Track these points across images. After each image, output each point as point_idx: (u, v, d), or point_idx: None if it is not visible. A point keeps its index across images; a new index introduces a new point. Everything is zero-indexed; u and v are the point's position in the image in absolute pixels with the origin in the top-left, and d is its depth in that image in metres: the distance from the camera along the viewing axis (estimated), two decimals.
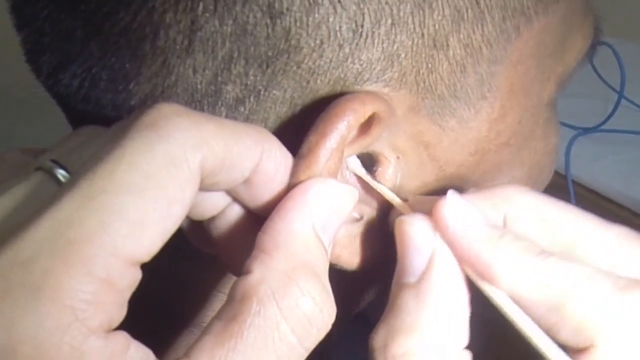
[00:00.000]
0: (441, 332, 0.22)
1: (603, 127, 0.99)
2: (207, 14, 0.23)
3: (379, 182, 0.26)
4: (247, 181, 0.23)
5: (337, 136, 0.24)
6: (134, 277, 0.20)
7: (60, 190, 0.19)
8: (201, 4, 0.23)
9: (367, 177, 0.26)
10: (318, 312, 0.21)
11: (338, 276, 0.29)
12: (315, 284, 0.21)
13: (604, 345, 0.21)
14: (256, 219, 0.24)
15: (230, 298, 0.21)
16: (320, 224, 0.23)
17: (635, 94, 1.06)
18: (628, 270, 0.22)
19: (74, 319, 0.18)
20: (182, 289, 0.32)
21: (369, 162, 0.27)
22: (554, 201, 0.24)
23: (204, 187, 0.22)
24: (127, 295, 0.20)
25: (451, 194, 0.23)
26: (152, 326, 0.32)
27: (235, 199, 0.25)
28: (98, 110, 0.26)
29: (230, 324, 0.20)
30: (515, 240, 0.23)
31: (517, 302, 0.22)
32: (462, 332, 0.23)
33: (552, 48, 0.29)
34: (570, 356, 0.21)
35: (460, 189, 0.26)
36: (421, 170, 0.27)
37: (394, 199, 0.26)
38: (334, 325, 0.22)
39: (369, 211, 0.27)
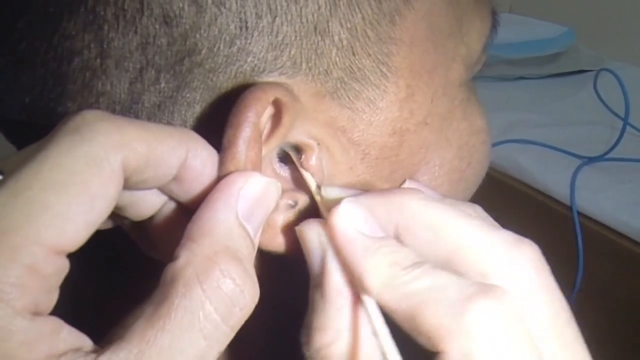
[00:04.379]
0: (345, 323, 0.24)
1: (608, 155, 0.96)
2: (113, 33, 0.26)
3: (305, 169, 0.28)
4: (177, 178, 0.25)
5: (250, 124, 0.25)
6: (60, 265, 0.21)
7: None
8: (106, 25, 0.25)
9: (297, 162, 0.28)
10: (239, 292, 0.22)
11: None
12: (236, 267, 0.23)
13: (450, 352, 0.23)
14: (190, 214, 0.25)
15: (160, 283, 0.22)
16: (243, 214, 0.25)
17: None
18: (497, 273, 0.24)
19: None
20: None
21: (298, 153, 0.29)
22: (445, 207, 0.26)
23: (133, 185, 0.24)
24: (55, 282, 0.22)
25: (345, 202, 0.26)
26: None
27: (170, 197, 0.27)
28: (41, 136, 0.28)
29: (159, 306, 0.22)
30: (390, 252, 0.25)
31: (383, 309, 0.24)
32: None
33: (448, 30, 0.31)
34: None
35: (391, 172, 0.30)
36: (345, 156, 0.29)
37: (311, 184, 0.28)
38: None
39: (304, 198, 0.29)
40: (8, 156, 0.26)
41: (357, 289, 0.25)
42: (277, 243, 0.28)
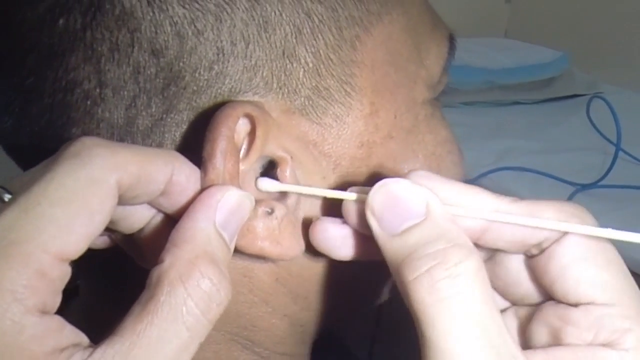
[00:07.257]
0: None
1: (601, 182, 0.96)
2: (109, 65, 0.29)
3: (281, 181, 0.31)
4: (164, 193, 0.28)
5: (224, 138, 0.29)
6: (64, 270, 0.24)
7: (3, 205, 0.24)
8: (103, 59, 0.29)
9: (290, 188, 0.31)
10: (216, 291, 0.25)
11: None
12: (213, 269, 0.26)
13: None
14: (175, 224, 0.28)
15: (147, 284, 0.25)
16: (220, 223, 0.28)
17: (633, 146, 1.04)
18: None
19: (13, 299, 0.22)
20: None
21: (272, 167, 0.32)
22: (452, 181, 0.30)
23: (126, 201, 0.27)
24: (59, 285, 0.24)
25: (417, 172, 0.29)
26: None
27: (159, 210, 0.30)
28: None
29: (147, 304, 0.24)
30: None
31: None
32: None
33: (407, 55, 0.34)
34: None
35: (360, 182, 0.32)
36: (317, 167, 0.32)
37: (334, 194, 0.31)
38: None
39: (280, 206, 0.31)
40: (11, 178, 0.30)
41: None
42: (257, 247, 0.31)
